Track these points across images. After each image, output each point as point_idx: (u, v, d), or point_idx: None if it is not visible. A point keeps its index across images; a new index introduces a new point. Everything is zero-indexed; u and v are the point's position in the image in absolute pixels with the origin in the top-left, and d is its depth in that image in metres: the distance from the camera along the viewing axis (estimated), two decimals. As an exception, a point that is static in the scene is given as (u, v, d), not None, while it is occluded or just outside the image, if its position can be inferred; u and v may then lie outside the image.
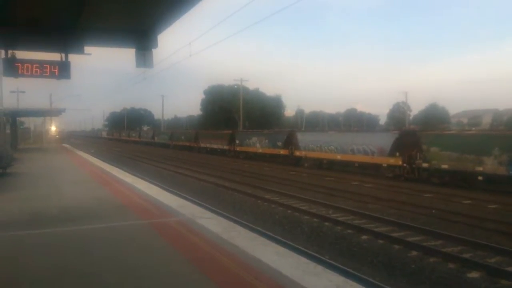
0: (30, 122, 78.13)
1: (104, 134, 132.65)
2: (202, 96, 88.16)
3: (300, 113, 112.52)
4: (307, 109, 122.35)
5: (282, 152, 36.61)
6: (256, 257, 5.78)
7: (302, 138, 34.46)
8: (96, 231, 7.77)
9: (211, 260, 5.99)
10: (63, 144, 58.31)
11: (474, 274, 9.27)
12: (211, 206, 15.31)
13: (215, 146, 49.44)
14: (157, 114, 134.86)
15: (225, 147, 46.82)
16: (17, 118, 45.80)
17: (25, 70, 7.30)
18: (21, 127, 61.50)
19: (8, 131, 32.14)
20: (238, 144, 44.52)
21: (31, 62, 7.35)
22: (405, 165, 24.63)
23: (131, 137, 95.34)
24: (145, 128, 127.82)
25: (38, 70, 7.35)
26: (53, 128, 67.30)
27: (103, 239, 7.26)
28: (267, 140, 39.44)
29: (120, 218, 8.85)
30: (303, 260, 5.71)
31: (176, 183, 23.82)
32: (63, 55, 7.48)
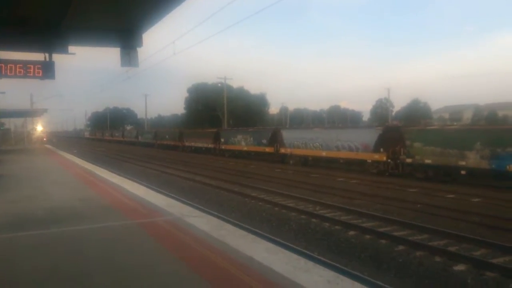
0: (10, 123, 76.70)
1: (87, 134, 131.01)
2: (186, 94, 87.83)
3: (284, 110, 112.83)
4: (291, 107, 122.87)
5: (267, 149, 36.70)
6: (247, 255, 5.80)
7: (287, 135, 34.59)
8: (85, 232, 7.70)
9: (202, 259, 5.99)
10: (46, 145, 57.43)
11: (460, 267, 9.45)
12: (198, 205, 15.29)
13: (200, 144, 49.28)
14: (140, 113, 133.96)
15: (210, 145, 46.71)
16: (-3, 119, 44.96)
17: (8, 71, 7.17)
18: (1, 128, 60.36)
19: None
20: (223, 142, 44.46)
21: (15, 62, 7.24)
22: (389, 160, 24.94)
23: (114, 137, 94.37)
24: (128, 127, 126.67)
25: (22, 70, 7.24)
26: (39, 128, 65.71)
27: (92, 240, 7.20)
28: (252, 138, 39.49)
29: (108, 218, 8.78)
30: (294, 256, 5.75)
31: (163, 183, 23.70)
32: (47, 55, 7.38)
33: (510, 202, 16.25)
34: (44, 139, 73.40)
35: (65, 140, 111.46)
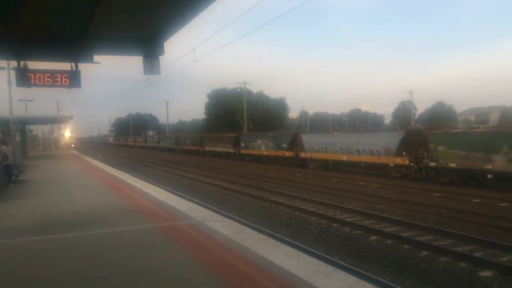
0: (38, 130, 78.64)
1: (111, 139, 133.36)
2: (206, 100, 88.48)
3: (304, 114, 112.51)
4: (311, 111, 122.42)
5: (287, 154, 36.68)
6: (267, 259, 5.87)
7: (307, 139, 34.51)
8: (109, 236, 7.89)
9: (223, 262, 6.08)
10: (71, 151, 58.70)
11: (486, 273, 9.27)
12: (219, 209, 15.42)
13: (220, 149, 49.58)
14: (162, 119, 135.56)
15: (230, 150, 46.94)
16: (26, 126, 46.22)
17: (37, 80, 7.46)
18: (29, 134, 61.96)
19: (18, 139, 32.45)
20: (243, 147, 44.63)
21: (43, 72, 7.52)
22: (412, 164, 24.61)
23: (137, 142, 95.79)
24: (150, 133, 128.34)
25: (50, 79, 7.51)
26: (67, 134, 66.57)
27: (116, 243, 7.38)
28: (272, 143, 39.52)
29: (131, 222, 8.97)
30: (314, 260, 5.80)
31: (184, 187, 23.95)
32: (73, 64, 7.63)
33: (537, 206, 15.86)
34: (73, 145, 74.69)
35: (90, 145, 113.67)
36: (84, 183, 17.13)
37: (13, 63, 8.75)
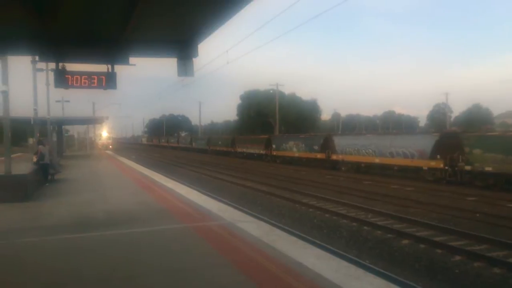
0: (73, 130, 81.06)
1: (144, 140, 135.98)
2: (238, 101, 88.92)
3: (336, 116, 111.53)
4: (343, 113, 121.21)
5: (319, 156, 36.46)
6: (297, 260, 5.88)
7: (339, 141, 34.20)
8: (142, 235, 8.08)
9: (252, 262, 6.14)
10: (106, 151, 60.22)
11: (521, 279, 9.00)
12: (249, 210, 15.49)
13: (251, 151, 49.76)
14: (194, 120, 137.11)
15: (262, 151, 47.04)
16: (62, 126, 47.71)
17: (74, 82, 7.73)
18: (66, 134, 63.95)
19: (54, 139, 33.54)
20: (274, 148, 44.65)
21: (80, 74, 7.78)
22: (446, 168, 24.03)
23: (169, 143, 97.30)
24: (183, 134, 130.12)
25: (87, 81, 7.77)
26: (104, 134, 67.29)
27: (149, 242, 7.56)
28: (303, 144, 39.38)
29: (163, 222, 9.15)
30: (344, 263, 5.77)
31: (215, 188, 24.18)
32: (110, 66, 7.86)
33: None
34: (110, 146, 75.59)
35: (124, 146, 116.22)
36: (118, 183, 17.57)
37: (51, 65, 9.09)
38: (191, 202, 11.43)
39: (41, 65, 24.81)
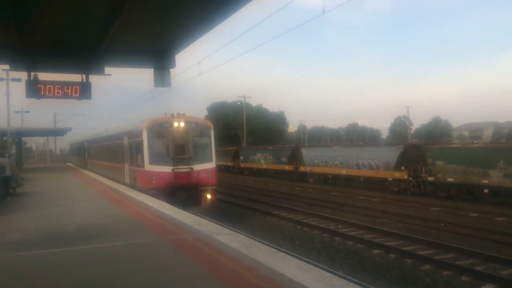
0: (31, 142, 78.27)
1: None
2: (206, 113, 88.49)
3: (302, 128, 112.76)
4: (309, 125, 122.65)
5: (287, 167, 36.73)
6: (279, 272, 5.87)
7: (307, 153, 34.61)
8: (116, 249, 7.87)
9: (234, 275, 6.08)
10: (67, 163, 58.48)
11: (488, 287, 9.32)
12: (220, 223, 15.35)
13: (219, 162, 49.46)
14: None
15: (230, 163, 46.93)
16: (22, 138, 46.05)
17: (47, 91, 7.50)
18: (24, 146, 61.77)
19: (13, 151, 32.34)
20: (242, 160, 44.65)
21: (53, 83, 7.57)
22: (410, 178, 24.72)
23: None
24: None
25: (60, 91, 7.56)
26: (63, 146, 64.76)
27: (126, 256, 7.35)
28: (271, 156, 39.59)
29: (138, 235, 8.94)
30: (326, 274, 5.80)
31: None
32: (84, 76, 7.70)
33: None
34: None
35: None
36: (84, 196, 17.05)
37: (18, 74, 8.79)
38: (164, 215, 11.22)
39: (12, 74, 23.91)
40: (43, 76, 7.71)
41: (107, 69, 7.68)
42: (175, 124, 17.65)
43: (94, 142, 34.55)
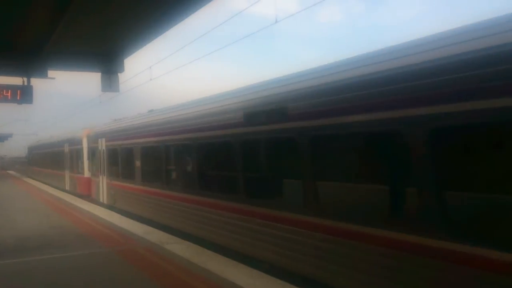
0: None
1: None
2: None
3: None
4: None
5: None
6: (231, 281, 5.77)
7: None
8: (60, 261, 7.46)
9: (185, 286, 5.91)
10: (9, 171, 55.56)
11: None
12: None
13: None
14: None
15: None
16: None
17: (-17, 95, 7.03)
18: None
19: None
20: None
21: (-9, 86, 7.10)
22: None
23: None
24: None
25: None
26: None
27: (69, 268, 6.97)
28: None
29: (86, 246, 8.53)
30: (278, 281, 5.76)
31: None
32: (25, 79, 7.28)
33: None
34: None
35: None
36: (27, 205, 16.16)
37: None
38: (113, 225, 10.81)
39: None
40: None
41: (51, 72, 7.30)
42: None
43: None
